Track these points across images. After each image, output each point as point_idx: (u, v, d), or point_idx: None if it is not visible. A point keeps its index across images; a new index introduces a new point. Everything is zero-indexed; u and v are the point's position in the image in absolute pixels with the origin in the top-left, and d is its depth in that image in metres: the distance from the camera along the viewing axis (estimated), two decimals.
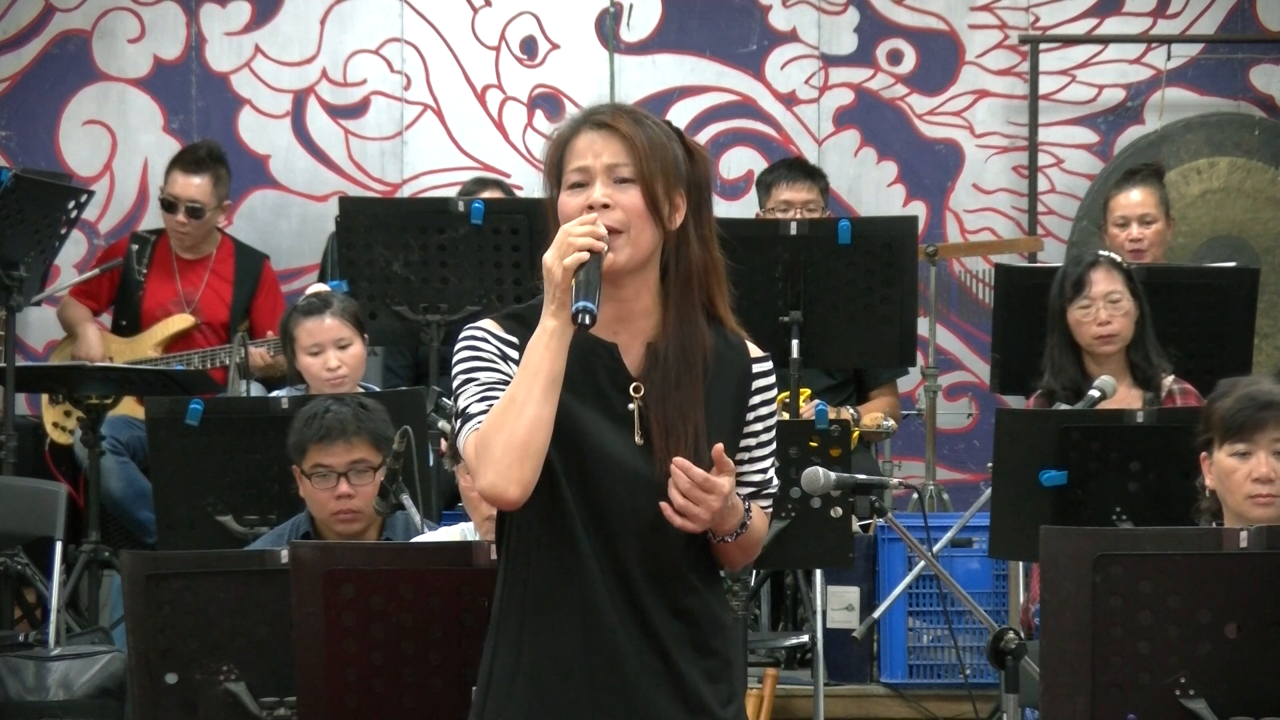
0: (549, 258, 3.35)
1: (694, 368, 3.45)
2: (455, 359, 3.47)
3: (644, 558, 3.42)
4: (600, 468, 3.41)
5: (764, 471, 3.57)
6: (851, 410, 6.88)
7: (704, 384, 3.46)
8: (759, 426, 3.55)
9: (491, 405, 3.38)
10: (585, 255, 3.33)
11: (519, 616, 3.45)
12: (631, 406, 3.45)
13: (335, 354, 6.12)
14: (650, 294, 3.47)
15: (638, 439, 3.43)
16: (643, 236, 3.42)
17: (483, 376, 3.43)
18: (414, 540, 4.93)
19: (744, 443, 3.54)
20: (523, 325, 3.45)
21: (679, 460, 3.35)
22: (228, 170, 7.75)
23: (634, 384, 3.45)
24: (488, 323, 3.49)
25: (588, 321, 3.31)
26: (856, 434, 6.55)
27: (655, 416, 3.43)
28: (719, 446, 3.37)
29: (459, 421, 3.42)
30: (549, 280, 3.35)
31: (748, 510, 3.50)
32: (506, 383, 3.40)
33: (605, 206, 3.40)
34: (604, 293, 3.38)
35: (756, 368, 3.55)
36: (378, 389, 6.42)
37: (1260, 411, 4.49)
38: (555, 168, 3.48)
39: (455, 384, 3.45)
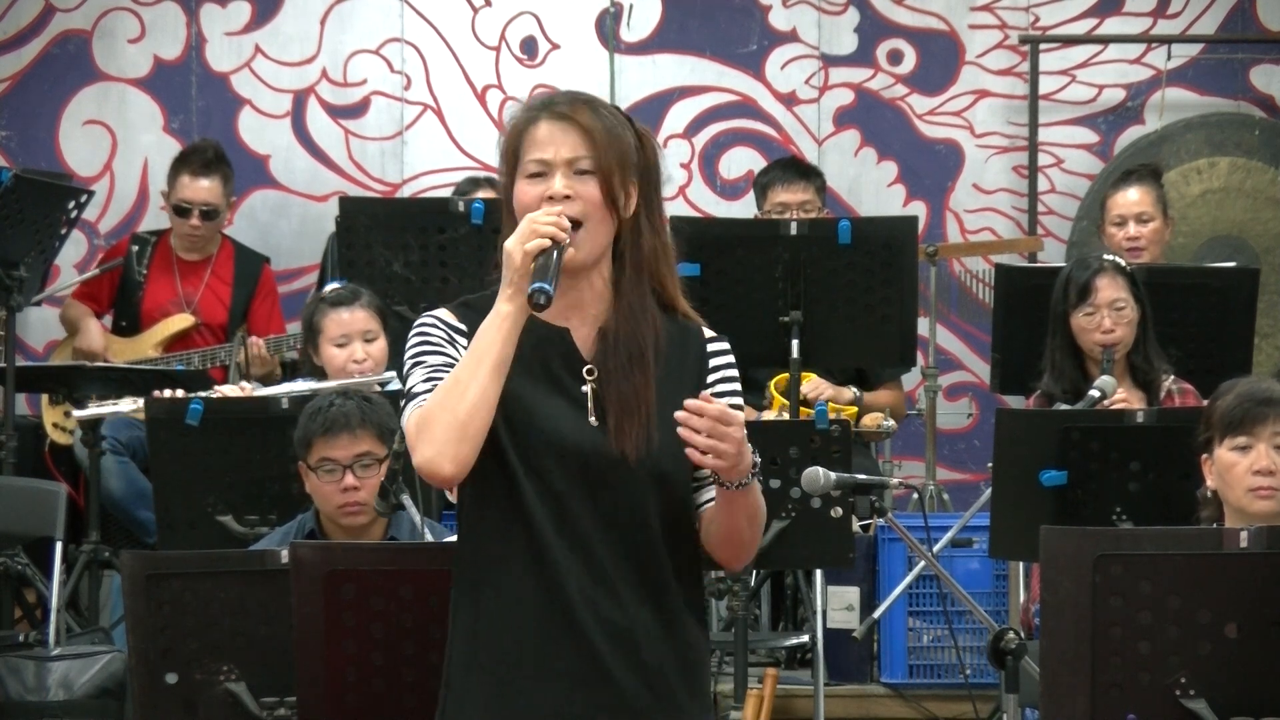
0: (510, 243, 3.37)
1: (645, 351, 3.46)
2: (407, 346, 3.50)
3: (604, 539, 3.41)
4: (557, 452, 3.41)
5: None
6: (854, 391, 6.87)
7: (657, 368, 3.46)
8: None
9: (436, 385, 3.40)
10: (546, 242, 3.35)
11: (473, 607, 3.45)
12: (585, 389, 3.46)
13: (362, 346, 6.12)
14: (602, 279, 3.49)
15: (592, 420, 3.44)
16: (601, 229, 3.45)
17: (430, 360, 3.46)
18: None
19: None
20: (474, 312, 3.47)
21: (690, 402, 3.32)
22: (231, 168, 7.77)
23: (587, 367, 3.47)
24: (440, 310, 3.52)
25: (543, 302, 3.33)
26: (854, 411, 6.57)
27: (610, 398, 3.43)
28: (704, 394, 3.35)
29: (404, 401, 3.45)
30: (508, 265, 3.37)
31: (756, 460, 3.43)
32: (452, 365, 3.42)
33: (566, 198, 3.42)
34: (559, 281, 3.40)
35: (711, 347, 3.56)
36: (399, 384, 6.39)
37: (1260, 406, 4.57)
38: (512, 155, 3.49)
39: (405, 369, 3.48)
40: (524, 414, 3.41)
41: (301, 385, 6.07)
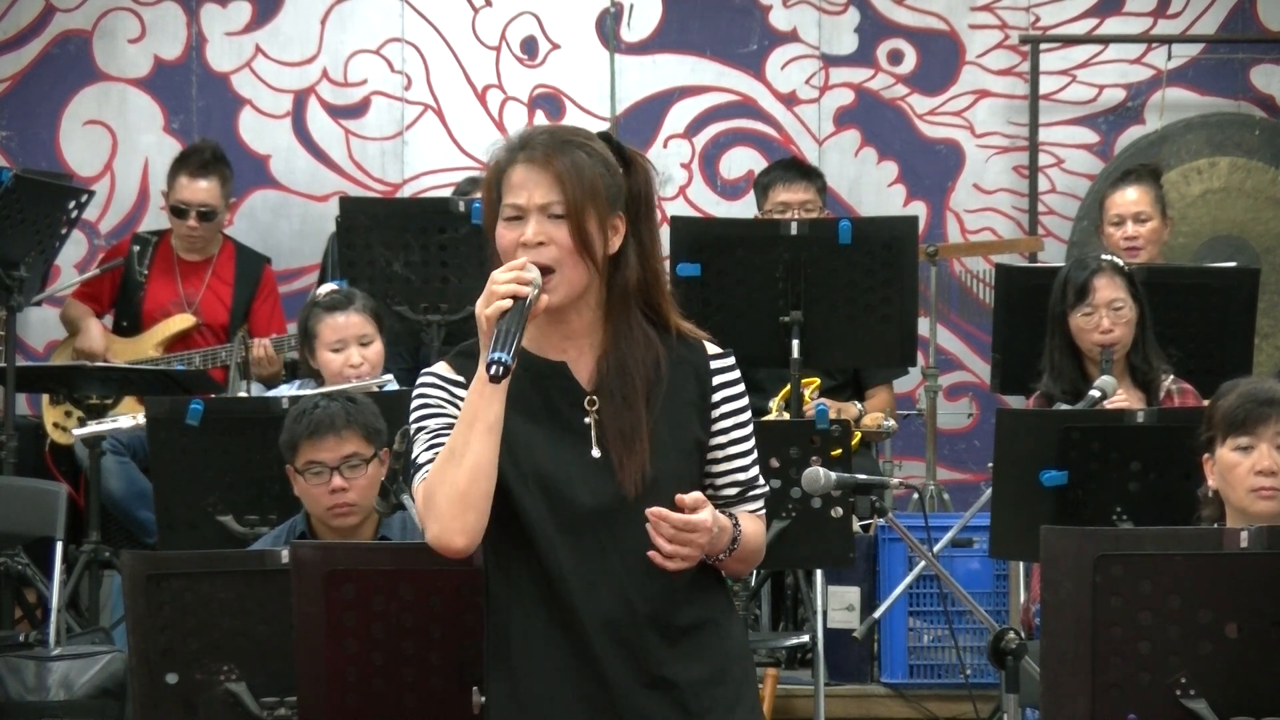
0: (479, 306, 3.40)
1: (635, 384, 3.46)
2: (410, 409, 3.51)
3: (622, 567, 3.42)
4: (562, 482, 3.42)
5: (744, 470, 3.56)
6: (859, 407, 6.87)
7: (658, 394, 3.47)
8: (729, 424, 3.54)
9: (438, 453, 3.41)
10: (507, 303, 3.37)
11: (501, 630, 3.48)
12: (588, 420, 3.46)
13: (358, 350, 6.10)
14: (592, 311, 3.50)
15: (595, 452, 3.44)
16: (575, 273, 3.45)
17: (431, 424, 3.48)
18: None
19: (715, 441, 3.54)
20: (471, 361, 3.47)
21: (655, 510, 3.36)
22: (230, 169, 7.76)
23: (588, 398, 3.47)
24: (439, 365, 3.54)
25: (500, 374, 3.33)
26: (858, 437, 6.55)
27: (611, 428, 3.45)
28: (680, 496, 3.38)
29: (412, 470, 3.47)
30: (480, 329, 3.40)
31: (736, 525, 3.49)
32: (453, 426, 3.42)
33: (540, 244, 3.43)
34: (548, 317, 3.44)
35: (715, 364, 3.56)
36: (397, 385, 6.40)
37: (1262, 406, 4.58)
38: (492, 194, 3.52)
39: (410, 433, 3.50)
40: (528, 452, 3.43)
41: (299, 391, 6.07)
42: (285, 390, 6.29)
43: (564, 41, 8.52)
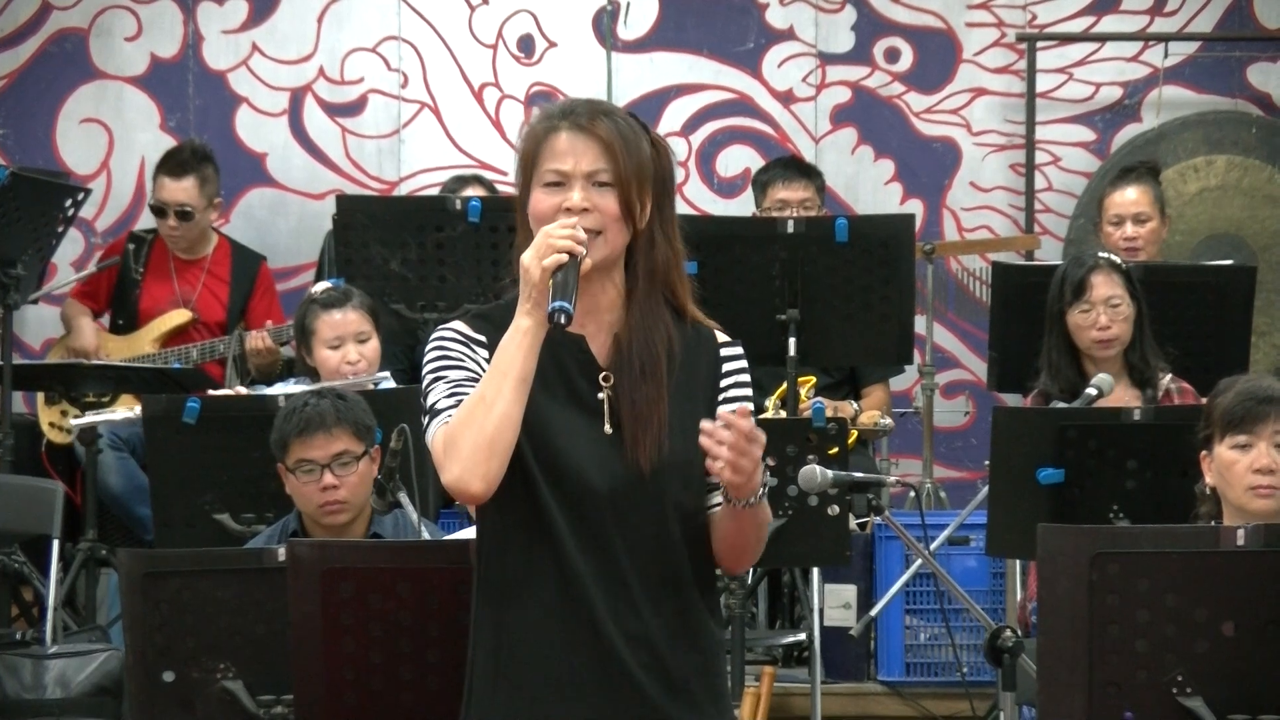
0: (527, 257, 3.37)
1: (658, 360, 3.47)
2: (424, 360, 3.50)
3: (625, 548, 3.42)
4: (573, 459, 3.42)
5: None
6: (855, 405, 6.87)
7: (672, 376, 3.48)
8: (731, 409, 3.54)
9: (460, 401, 3.41)
10: (564, 257, 3.36)
11: (495, 617, 3.46)
12: (601, 396, 3.47)
13: (355, 347, 6.11)
14: (615, 288, 3.51)
15: (607, 428, 3.45)
16: (617, 239, 3.46)
17: (451, 375, 3.46)
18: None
19: None
20: (490, 324, 3.48)
21: (725, 415, 3.34)
22: (215, 168, 7.73)
23: (603, 374, 3.47)
24: (456, 323, 3.53)
25: (564, 321, 3.34)
26: (855, 435, 6.55)
27: (625, 406, 3.45)
28: (740, 408, 3.37)
29: (427, 418, 3.45)
30: (526, 280, 3.38)
31: (766, 480, 3.47)
32: (474, 379, 3.43)
33: (585, 210, 3.42)
34: (578, 292, 3.41)
35: (724, 352, 3.57)
36: (393, 383, 6.40)
37: (1260, 404, 4.57)
38: (529, 163, 3.49)
39: (424, 384, 3.48)
40: (542, 426, 3.42)
41: (296, 387, 6.07)
42: (282, 388, 6.29)
43: (560, 39, 8.53)
